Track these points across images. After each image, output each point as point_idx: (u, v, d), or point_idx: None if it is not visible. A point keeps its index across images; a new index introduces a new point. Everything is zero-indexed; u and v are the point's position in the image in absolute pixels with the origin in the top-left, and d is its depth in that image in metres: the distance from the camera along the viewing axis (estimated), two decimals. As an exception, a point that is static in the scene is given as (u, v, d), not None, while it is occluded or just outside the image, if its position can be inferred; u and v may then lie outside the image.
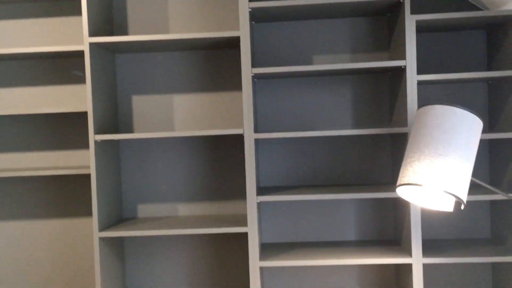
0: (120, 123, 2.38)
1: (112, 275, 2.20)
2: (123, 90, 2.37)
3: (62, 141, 2.38)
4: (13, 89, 2.38)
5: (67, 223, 2.39)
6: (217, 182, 2.38)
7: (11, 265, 2.40)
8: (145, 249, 2.39)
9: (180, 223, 2.19)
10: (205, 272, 2.39)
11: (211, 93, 2.36)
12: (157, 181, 2.39)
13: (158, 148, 2.38)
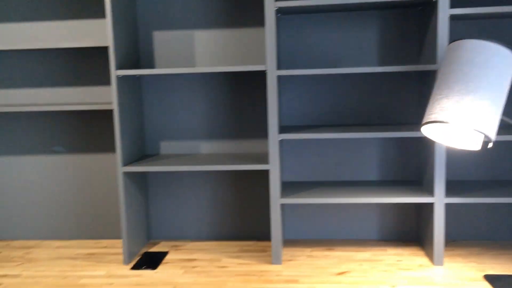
0: (142, 59, 2.35)
1: (135, 209, 2.26)
2: (144, 25, 2.33)
3: (84, 77, 2.38)
4: (35, 23, 2.36)
5: (91, 158, 2.43)
6: (238, 120, 2.37)
7: (39, 197, 2.48)
8: (167, 185, 2.44)
9: (202, 160, 2.21)
10: (226, 208, 2.43)
11: (233, 29, 2.30)
12: (179, 119, 2.39)
13: (180, 85, 2.36)
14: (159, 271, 2.07)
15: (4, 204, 2.49)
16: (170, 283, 1.95)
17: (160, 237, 2.47)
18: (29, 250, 2.36)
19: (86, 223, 2.48)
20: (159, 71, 2.06)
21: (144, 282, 1.96)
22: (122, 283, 1.96)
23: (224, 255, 2.23)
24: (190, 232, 2.46)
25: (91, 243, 2.43)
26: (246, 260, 2.16)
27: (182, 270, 2.07)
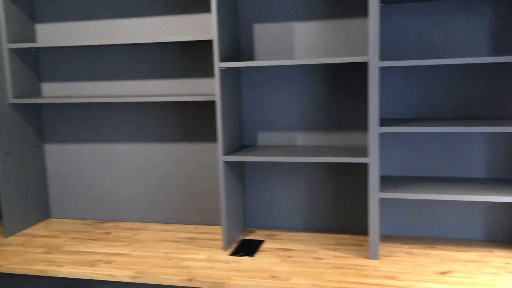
0: (242, 51, 2.41)
1: (234, 196, 2.33)
2: (245, 18, 2.38)
3: (186, 69, 2.49)
4: (144, 19, 2.50)
5: (192, 147, 2.55)
6: (336, 112, 2.35)
7: (145, 182, 2.65)
8: (264, 175, 2.49)
9: (298, 152, 2.23)
10: (321, 200, 2.43)
11: (332, 21, 2.28)
12: (277, 110, 2.42)
13: (278, 76, 2.39)
14: (257, 258, 2.13)
15: (114, 188, 2.69)
16: (267, 270, 1.99)
17: (255, 225, 2.53)
18: (136, 231, 2.53)
19: (187, 209, 2.60)
20: (260, 63, 2.10)
21: (242, 268, 2.03)
22: (222, 268, 2.04)
23: (320, 246, 2.24)
24: (285, 222, 2.49)
25: (190, 228, 2.55)
26: (342, 253, 2.15)
27: (278, 259, 2.11)
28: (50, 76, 2.68)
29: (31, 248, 2.33)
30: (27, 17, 2.57)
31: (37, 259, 2.18)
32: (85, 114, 2.66)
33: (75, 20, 2.59)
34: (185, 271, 2.01)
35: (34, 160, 2.67)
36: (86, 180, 2.73)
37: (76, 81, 2.65)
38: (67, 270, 2.06)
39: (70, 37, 2.61)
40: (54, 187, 2.78)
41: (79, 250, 2.29)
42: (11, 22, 2.45)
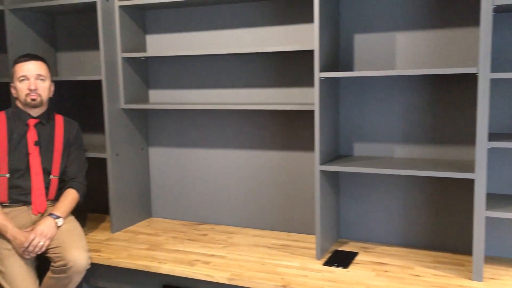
0: (341, 61, 2.41)
1: (328, 206, 2.33)
2: (346, 29, 2.38)
3: (284, 79, 2.53)
4: (244, 29, 2.59)
5: (288, 155, 2.58)
6: (438, 124, 2.26)
7: (240, 188, 2.72)
8: (359, 187, 2.45)
9: (396, 164, 2.18)
10: (419, 215, 2.35)
11: (436, 30, 2.21)
12: (374, 121, 2.39)
13: (377, 87, 2.36)
14: (350, 270, 2.11)
15: (211, 192, 2.80)
16: (362, 283, 1.97)
17: (348, 236, 2.50)
18: (230, 235, 2.61)
19: (280, 216, 2.64)
20: (362, 74, 2.09)
21: (336, 279, 2.02)
22: (316, 277, 2.04)
23: (417, 263, 2.16)
24: (380, 235, 2.44)
25: (283, 235, 2.58)
26: (442, 272, 2.06)
27: (373, 273, 2.07)
28: (156, 84, 2.85)
29: (135, 244, 2.49)
30: (139, 28, 2.77)
31: (141, 255, 2.33)
32: (188, 120, 2.80)
33: (181, 31, 2.74)
34: (279, 277, 2.04)
35: (139, 162, 2.86)
36: (186, 182, 2.86)
37: (180, 88, 2.79)
38: (169, 268, 2.18)
39: (176, 47, 2.76)
40: (156, 188, 2.95)
41: (179, 249, 2.41)
42: (125, 33, 2.65)
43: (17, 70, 2.34)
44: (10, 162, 2.32)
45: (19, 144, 2.35)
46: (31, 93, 2.31)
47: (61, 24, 3.03)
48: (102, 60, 2.56)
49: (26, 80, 2.32)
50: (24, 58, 2.37)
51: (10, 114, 2.40)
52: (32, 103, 2.33)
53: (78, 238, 2.30)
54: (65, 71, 3.06)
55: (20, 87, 2.33)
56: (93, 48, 2.91)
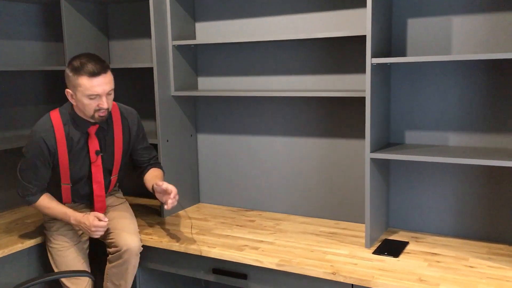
0: (393, 46, 2.35)
1: (378, 194, 2.29)
2: (399, 13, 2.32)
3: (334, 65, 2.50)
4: (292, 16, 2.57)
5: (338, 143, 2.55)
6: (494, 112, 2.18)
7: (289, 175, 2.72)
8: (409, 175, 2.40)
9: (451, 152, 2.11)
10: (473, 205, 2.27)
11: (494, 13, 2.11)
12: (427, 108, 2.32)
13: (431, 73, 2.29)
14: (401, 260, 2.07)
15: (258, 179, 2.81)
16: (414, 273, 1.93)
17: (398, 226, 2.46)
18: (278, 221, 2.62)
19: (328, 204, 2.62)
20: (415, 59, 2.03)
21: (387, 268, 1.99)
22: (366, 265, 2.02)
23: (471, 254, 2.10)
24: (431, 225, 2.38)
25: (331, 223, 2.57)
26: (498, 263, 2.00)
27: (425, 263, 2.03)
28: (205, 71, 2.88)
29: (185, 229, 2.54)
30: (189, 15, 2.80)
31: (191, 239, 2.38)
32: (236, 107, 2.82)
33: (230, 19, 2.75)
34: (328, 264, 2.04)
35: (188, 148, 2.91)
36: (233, 169, 2.89)
37: (228, 76, 2.81)
38: (218, 252, 2.22)
39: (224, 34, 2.78)
40: (204, 174, 2.99)
41: (227, 234, 2.44)
42: (175, 20, 2.68)
43: (85, 84, 2.06)
44: (72, 172, 2.25)
45: (80, 153, 2.24)
46: (102, 110, 2.12)
47: (113, 13, 3.11)
48: (153, 48, 2.61)
49: (97, 98, 2.10)
50: (91, 70, 2.05)
51: (66, 120, 2.20)
52: (100, 119, 2.16)
53: (130, 222, 2.36)
54: (117, 59, 3.14)
55: (88, 103, 2.10)
56: (144, 36, 2.98)
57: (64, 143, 2.18)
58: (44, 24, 3.13)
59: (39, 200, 2.25)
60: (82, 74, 2.06)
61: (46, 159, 2.18)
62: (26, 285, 1.86)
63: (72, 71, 2.09)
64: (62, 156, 2.20)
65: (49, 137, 2.16)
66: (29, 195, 2.23)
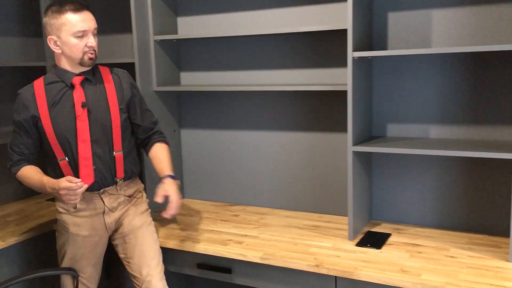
0: (374, 40, 2.37)
1: (360, 187, 2.32)
2: (380, 7, 2.33)
3: (316, 59, 2.51)
4: (274, 10, 2.57)
5: (320, 137, 2.57)
6: (474, 104, 2.21)
7: (271, 169, 2.73)
8: (392, 168, 2.42)
9: (432, 145, 2.14)
10: (453, 197, 2.31)
11: (474, 6, 2.14)
12: (408, 101, 2.35)
13: (411, 66, 2.31)
14: (384, 251, 2.10)
15: (242, 173, 2.82)
16: (396, 264, 1.96)
17: (381, 218, 2.49)
18: (262, 216, 2.63)
19: (312, 197, 2.64)
20: (397, 52, 2.05)
21: (370, 259, 2.02)
22: (349, 257, 2.04)
23: (452, 245, 2.14)
24: (413, 217, 2.41)
25: (314, 216, 2.58)
26: (478, 253, 2.03)
27: (407, 254, 2.06)
28: (188, 66, 2.87)
29: (169, 224, 2.53)
30: (170, 10, 2.78)
31: (175, 235, 2.38)
32: (219, 102, 2.82)
33: (212, 13, 2.74)
34: (312, 257, 2.05)
35: (171, 144, 2.86)
36: (217, 164, 2.89)
37: (211, 70, 2.80)
38: (203, 247, 2.22)
39: (206, 29, 2.77)
40: (188, 169, 2.98)
41: (212, 229, 2.44)
42: (156, 15, 2.66)
43: (71, 21, 1.95)
44: (56, 131, 2.01)
45: (64, 107, 2.03)
46: (90, 50, 2.01)
47: (93, 7, 3.06)
48: (134, 43, 2.59)
49: (84, 36, 1.98)
50: (74, 6, 1.96)
51: (49, 79, 2.06)
52: (90, 63, 2.03)
53: (155, 254, 2.15)
54: (98, 55, 3.09)
55: (75, 44, 1.97)
56: (125, 31, 2.95)
57: (44, 99, 2.02)
58: (22, 19, 3.08)
59: (21, 170, 2.07)
60: (66, 11, 1.95)
61: (27, 121, 2.02)
62: (5, 284, 1.83)
63: (54, 13, 1.97)
64: (43, 114, 2.01)
65: (28, 96, 2.03)
66: (12, 165, 2.09)
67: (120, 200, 2.16)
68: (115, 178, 2.12)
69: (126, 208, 2.18)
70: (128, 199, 2.18)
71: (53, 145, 2.03)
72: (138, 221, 2.18)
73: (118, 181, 2.13)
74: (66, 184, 1.89)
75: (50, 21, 1.99)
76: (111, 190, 2.13)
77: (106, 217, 2.13)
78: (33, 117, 2.03)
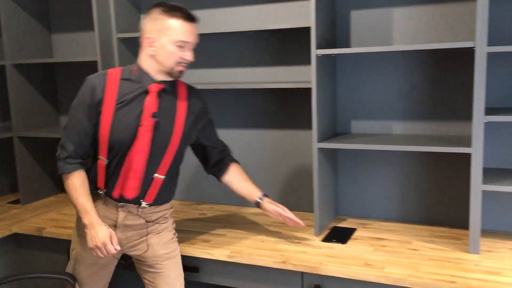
0: (338, 38, 2.40)
1: (326, 183, 2.34)
2: (342, 5, 2.36)
3: (280, 57, 2.52)
4: (240, 7, 2.57)
5: (287, 134, 2.58)
6: (435, 100, 2.27)
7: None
8: (356, 164, 2.46)
9: (394, 140, 2.18)
10: (416, 191, 2.36)
11: (433, 5, 2.20)
12: (371, 98, 2.39)
13: (374, 63, 2.35)
14: (349, 246, 2.13)
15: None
16: (361, 258, 1.99)
17: (346, 213, 2.52)
18: (230, 214, 2.63)
19: (279, 194, 2.64)
20: (359, 50, 2.08)
21: (335, 254, 2.04)
22: (315, 253, 2.06)
23: (415, 238, 2.19)
24: (377, 211, 2.46)
25: (282, 213, 2.60)
26: (440, 245, 2.09)
27: (371, 248, 2.09)
28: (152, 64, 2.83)
29: (135, 224, 2.50)
30: (134, 7, 2.74)
31: (141, 235, 2.35)
32: (184, 100, 2.79)
33: (176, 11, 2.71)
34: (279, 254, 2.06)
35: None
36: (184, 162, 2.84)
37: (177, 68, 2.78)
38: (169, 246, 2.20)
39: (171, 26, 2.74)
40: (154, 168, 2.95)
41: (179, 228, 2.42)
42: (119, 12, 2.61)
43: (178, 28, 1.81)
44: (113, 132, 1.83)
45: (130, 112, 1.84)
46: (183, 64, 1.87)
47: (55, 5, 3.00)
48: (97, 41, 2.54)
49: (184, 47, 1.84)
50: (188, 14, 1.84)
51: (126, 75, 1.88)
52: (178, 75, 1.89)
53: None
54: (60, 53, 3.03)
55: (172, 52, 1.82)
56: (88, 29, 2.89)
57: (115, 93, 1.83)
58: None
59: (74, 173, 1.85)
60: (177, 16, 1.81)
61: (90, 108, 1.83)
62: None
63: (163, 12, 1.82)
64: (106, 109, 1.82)
65: (100, 83, 1.83)
66: (67, 157, 1.84)
67: (138, 222, 1.95)
68: (141, 200, 1.91)
69: (146, 233, 1.96)
70: (146, 224, 1.97)
71: (101, 142, 1.85)
72: (164, 251, 2.00)
73: (143, 204, 1.92)
74: (107, 242, 1.80)
75: (154, 21, 1.83)
76: (132, 209, 1.92)
77: (118, 232, 1.92)
78: (97, 106, 1.83)
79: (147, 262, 2.00)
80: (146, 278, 2.04)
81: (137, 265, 2.06)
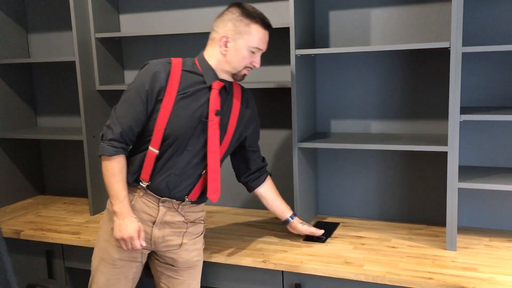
0: (317, 38, 2.41)
1: (306, 183, 2.36)
2: (321, 5, 2.38)
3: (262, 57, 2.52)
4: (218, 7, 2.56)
5: (267, 134, 2.59)
6: (412, 99, 2.30)
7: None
8: (336, 163, 2.49)
9: (373, 140, 2.21)
10: (395, 189, 2.40)
11: (409, 6, 2.23)
12: (350, 98, 2.41)
13: (353, 63, 2.38)
14: (329, 244, 2.15)
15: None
16: (340, 256, 2.01)
17: (327, 212, 2.54)
18: (211, 214, 2.62)
19: (260, 194, 2.65)
20: (337, 50, 2.10)
21: (315, 252, 2.06)
22: (295, 252, 2.07)
23: (394, 235, 2.22)
24: (357, 210, 2.48)
25: (262, 213, 2.61)
26: (417, 243, 2.12)
27: (351, 246, 2.11)
28: (131, 64, 2.82)
29: (115, 226, 2.48)
30: (112, 7, 2.71)
31: (121, 236, 2.33)
32: (164, 100, 2.78)
33: (155, 10, 2.70)
34: (259, 253, 2.07)
35: (116, 144, 2.83)
36: (164, 163, 2.85)
37: (156, 69, 2.76)
38: (149, 247, 2.19)
39: (149, 26, 2.73)
40: (134, 169, 2.92)
41: (159, 229, 2.41)
42: (97, 12, 2.59)
43: (257, 35, 1.82)
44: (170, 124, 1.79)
45: (190, 105, 1.81)
46: (249, 68, 1.87)
47: (31, 4, 2.95)
48: (75, 41, 2.51)
49: (255, 54, 1.85)
50: (265, 22, 1.85)
51: (189, 66, 1.85)
52: (240, 79, 1.89)
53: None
54: (38, 53, 2.99)
55: (244, 56, 1.82)
56: (65, 29, 2.86)
57: (177, 83, 1.80)
58: None
59: (116, 157, 1.77)
60: (258, 22, 1.81)
61: (149, 94, 1.78)
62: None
63: (245, 15, 1.81)
64: (167, 98, 1.78)
65: (163, 71, 1.79)
66: (112, 140, 1.77)
67: (177, 219, 1.91)
68: (185, 196, 1.89)
69: (183, 233, 1.93)
70: (185, 224, 1.94)
71: (156, 131, 1.79)
72: (194, 257, 1.97)
73: (186, 201, 1.90)
74: (134, 236, 1.76)
75: (235, 22, 1.81)
76: (173, 204, 1.89)
77: (155, 229, 1.88)
78: (158, 94, 1.78)
79: (175, 266, 1.94)
80: (163, 283, 1.98)
81: (155, 266, 1.99)
